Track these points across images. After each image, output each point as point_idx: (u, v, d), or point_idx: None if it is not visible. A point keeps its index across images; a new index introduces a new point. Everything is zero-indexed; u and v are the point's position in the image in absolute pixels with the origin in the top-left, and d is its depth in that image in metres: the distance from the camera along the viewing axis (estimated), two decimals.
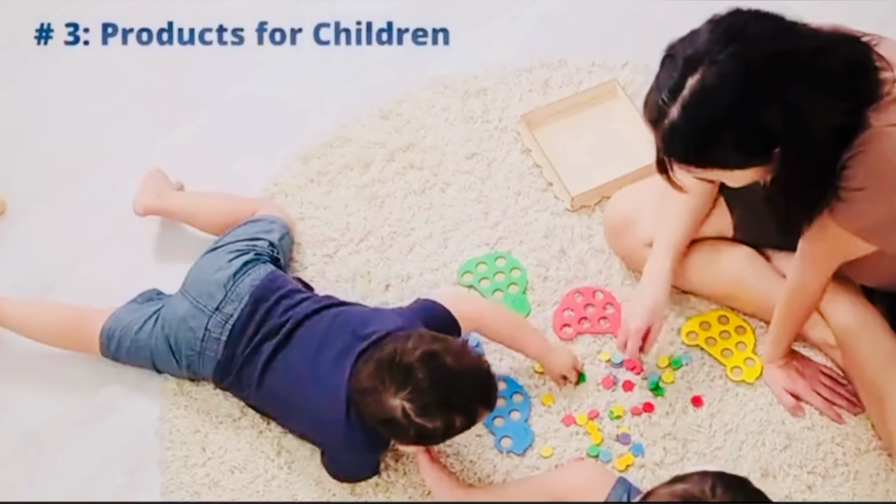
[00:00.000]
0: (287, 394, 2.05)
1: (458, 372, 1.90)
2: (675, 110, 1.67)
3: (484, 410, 1.94)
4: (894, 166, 1.69)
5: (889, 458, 2.11)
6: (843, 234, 1.81)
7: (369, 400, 1.91)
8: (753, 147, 1.68)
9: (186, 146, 2.58)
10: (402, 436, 1.92)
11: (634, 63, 2.67)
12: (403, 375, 1.88)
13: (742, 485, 1.60)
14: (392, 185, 2.49)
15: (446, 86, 2.66)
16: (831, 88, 1.64)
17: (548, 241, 2.41)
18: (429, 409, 1.86)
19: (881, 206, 1.74)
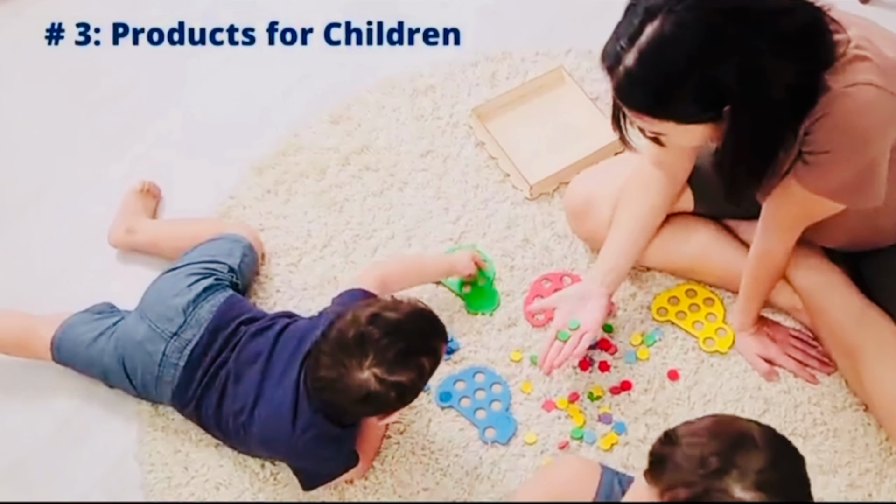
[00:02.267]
0: (241, 419, 2.03)
1: (405, 319, 1.90)
2: (632, 56, 1.68)
3: (442, 343, 1.95)
4: (858, 124, 1.72)
5: (866, 413, 2.14)
6: (809, 196, 1.84)
7: (338, 388, 1.88)
8: (706, 100, 1.69)
9: (137, 168, 2.55)
10: (384, 404, 1.89)
11: (578, 49, 2.70)
12: (359, 346, 1.86)
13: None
14: (350, 189, 2.49)
15: (393, 86, 2.66)
16: (788, 48, 1.66)
17: (511, 231, 2.42)
18: (396, 363, 1.85)
19: (849, 164, 1.77)
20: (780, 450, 1.51)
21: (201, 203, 2.48)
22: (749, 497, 1.44)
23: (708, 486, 1.46)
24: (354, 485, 2.10)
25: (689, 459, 1.49)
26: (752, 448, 1.48)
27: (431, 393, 2.19)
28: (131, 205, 2.44)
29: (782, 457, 1.50)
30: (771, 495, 1.45)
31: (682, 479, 1.48)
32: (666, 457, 1.52)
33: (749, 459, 1.46)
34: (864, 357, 2.07)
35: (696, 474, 1.47)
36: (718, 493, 1.46)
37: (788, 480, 1.48)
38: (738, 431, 1.52)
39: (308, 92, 2.68)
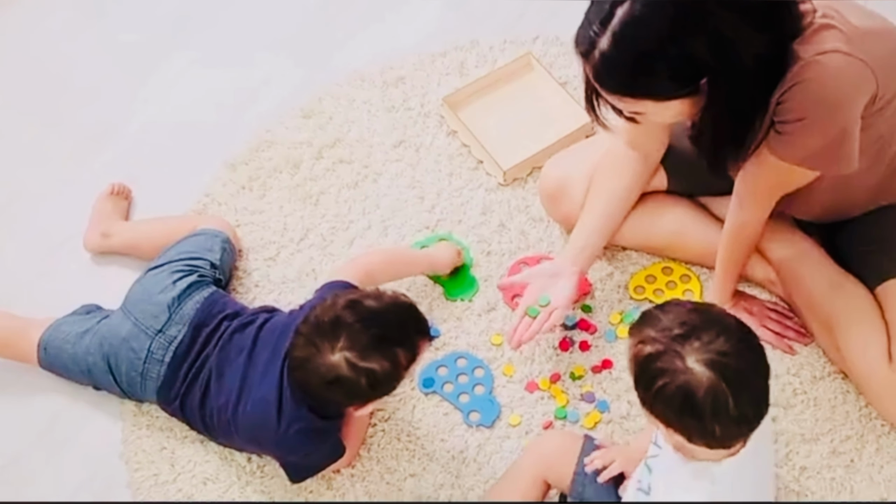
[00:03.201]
0: (225, 415, 2.03)
1: (384, 308, 1.90)
2: (606, 40, 1.70)
3: (422, 340, 1.93)
4: (829, 90, 1.74)
5: (844, 381, 2.16)
6: (783, 166, 1.86)
7: (309, 368, 1.87)
8: (682, 76, 1.71)
9: (110, 171, 2.54)
10: (355, 392, 1.88)
11: (545, 36, 2.72)
12: (333, 329, 1.85)
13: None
14: (324, 182, 2.50)
15: (363, 79, 2.67)
16: (756, 19, 1.68)
17: (486, 218, 2.43)
18: (369, 350, 1.84)
19: (822, 131, 1.79)
20: (748, 346, 1.56)
21: (176, 202, 2.48)
22: (698, 369, 1.51)
23: (668, 346, 1.53)
24: (342, 474, 2.11)
25: (665, 321, 1.56)
26: (723, 332, 1.53)
27: (414, 379, 2.20)
28: (104, 208, 2.45)
29: (747, 353, 1.55)
30: (719, 379, 1.50)
31: (650, 335, 1.56)
32: (651, 314, 1.60)
33: (715, 339, 1.52)
34: (840, 326, 2.10)
35: (663, 334, 1.54)
36: (674, 355, 1.52)
37: (742, 375, 1.52)
38: (720, 315, 1.58)
39: (278, 88, 2.69)
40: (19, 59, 2.80)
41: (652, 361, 1.55)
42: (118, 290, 2.23)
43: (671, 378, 1.52)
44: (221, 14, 2.86)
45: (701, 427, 1.54)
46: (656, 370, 1.54)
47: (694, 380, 1.51)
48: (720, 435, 1.55)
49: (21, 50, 2.81)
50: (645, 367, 1.56)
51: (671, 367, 1.53)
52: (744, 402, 1.52)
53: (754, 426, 1.57)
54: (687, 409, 1.53)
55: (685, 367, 1.52)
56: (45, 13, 2.87)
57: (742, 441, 1.60)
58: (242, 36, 2.82)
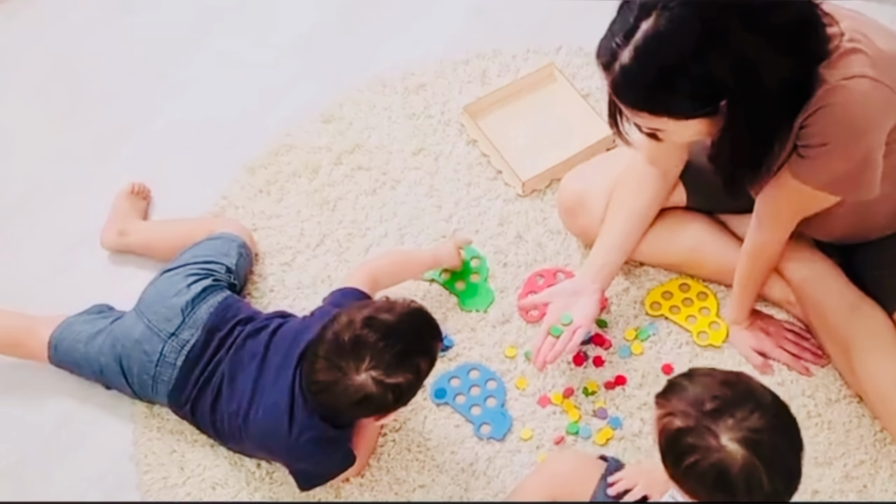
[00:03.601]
0: (237, 421, 2.03)
1: (400, 321, 1.90)
2: (627, 53, 1.69)
3: (437, 342, 1.95)
4: (855, 115, 1.73)
5: (859, 405, 2.15)
6: (805, 190, 1.85)
7: (337, 391, 1.87)
8: (702, 95, 1.69)
9: (129, 169, 2.54)
10: (382, 407, 1.89)
11: (569, 46, 2.70)
12: (356, 349, 1.86)
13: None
14: (342, 188, 2.49)
15: (385, 85, 2.66)
16: (782, 41, 1.67)
17: (503, 228, 2.42)
18: (393, 366, 1.85)
19: (845, 157, 1.78)
20: (783, 423, 1.55)
21: (194, 204, 2.48)
22: (732, 447, 1.49)
23: (700, 422, 1.51)
24: (351, 483, 2.11)
25: (696, 394, 1.54)
26: (758, 408, 1.52)
27: (426, 390, 2.19)
28: (122, 207, 2.45)
29: (782, 429, 1.54)
30: (753, 457, 1.48)
31: (681, 408, 1.54)
32: (678, 385, 1.57)
33: (749, 416, 1.50)
34: (857, 349, 2.08)
35: (695, 408, 1.52)
36: (707, 432, 1.50)
37: (777, 453, 1.51)
38: (752, 389, 1.57)
39: (299, 92, 2.69)
40: (42, 56, 2.80)
41: (682, 436, 1.53)
42: (133, 290, 2.23)
43: (703, 455, 1.51)
44: (245, 16, 2.85)
45: (732, 503, 1.53)
46: (687, 446, 1.53)
47: (728, 458, 1.50)
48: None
49: (44, 46, 2.82)
50: (675, 441, 1.55)
51: (704, 444, 1.51)
52: (778, 479, 1.52)
53: (787, 499, 1.56)
54: (720, 487, 1.52)
55: (719, 445, 1.50)
56: (68, 9, 2.87)
57: None
58: (265, 38, 2.82)
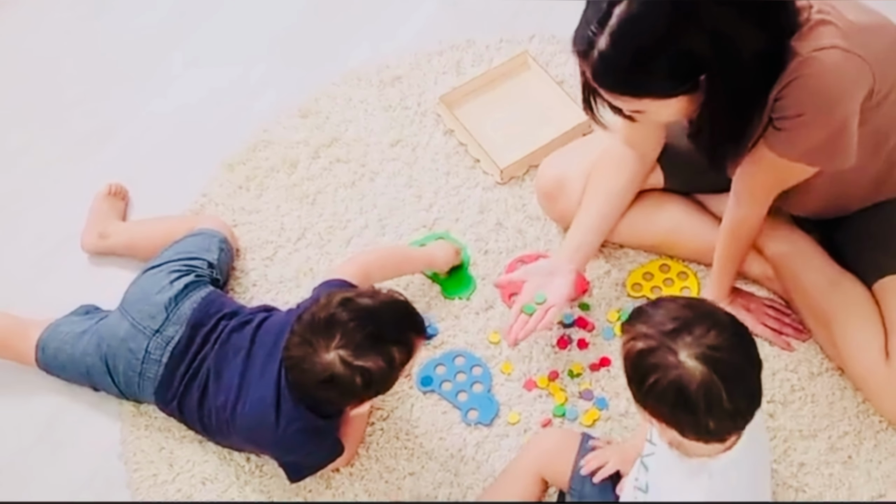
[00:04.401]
0: (224, 415, 2.03)
1: (378, 306, 1.90)
2: (604, 40, 1.70)
3: (417, 338, 1.93)
4: (828, 85, 1.74)
5: (841, 378, 2.17)
6: (782, 162, 1.86)
7: (305, 367, 1.87)
8: (681, 72, 1.71)
9: (108, 171, 2.54)
10: (349, 390, 1.88)
11: (541, 35, 2.72)
12: (327, 327, 1.85)
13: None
14: (321, 181, 2.50)
15: (360, 78, 2.67)
16: (753, 14, 1.69)
17: (483, 216, 2.43)
18: (363, 347, 1.84)
19: (820, 127, 1.79)
20: (741, 341, 1.56)
21: (174, 203, 2.48)
22: (690, 364, 1.51)
23: (660, 342, 1.53)
24: (340, 473, 2.11)
25: (657, 316, 1.56)
26: (715, 326, 1.54)
27: (412, 378, 2.20)
28: (100, 209, 2.45)
29: (740, 347, 1.55)
30: (712, 373, 1.50)
31: (642, 331, 1.56)
32: (643, 311, 1.60)
33: (707, 333, 1.52)
34: (838, 322, 2.10)
35: (655, 329, 1.55)
36: (666, 351, 1.53)
37: (735, 370, 1.53)
38: (712, 310, 1.58)
39: (275, 87, 2.70)
40: (17, 60, 2.80)
41: (644, 357, 1.55)
42: (116, 291, 2.23)
43: (663, 373, 1.53)
44: (217, 15, 2.86)
45: (695, 422, 1.54)
46: (648, 366, 1.55)
47: (686, 374, 1.51)
48: (714, 429, 1.55)
49: (18, 50, 2.82)
50: (637, 363, 1.57)
51: (663, 362, 1.53)
52: (737, 396, 1.52)
53: (748, 419, 1.57)
54: (680, 404, 1.53)
55: (677, 361, 1.52)
56: (43, 13, 2.87)
57: (736, 434, 1.60)
58: (239, 36, 2.83)
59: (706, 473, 1.63)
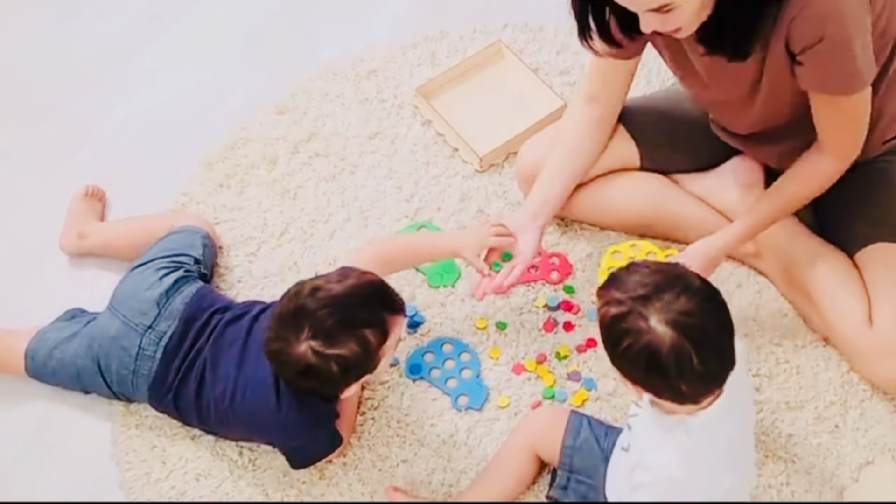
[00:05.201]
0: (223, 404, 2.03)
1: (346, 291, 1.88)
2: None
3: (391, 316, 1.91)
4: (836, 4, 1.76)
5: (825, 349, 2.19)
6: (844, 101, 1.89)
7: (282, 360, 1.88)
8: None
9: (85, 174, 2.53)
10: (329, 379, 1.87)
11: (514, 24, 2.74)
12: (296, 319, 1.85)
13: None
14: (302, 176, 2.51)
15: (335, 73, 2.68)
16: None
17: (464, 204, 2.45)
18: (333, 335, 1.84)
19: (847, 39, 1.79)
20: (712, 306, 1.59)
21: (155, 203, 2.48)
22: (661, 329, 1.54)
23: (632, 307, 1.57)
24: (333, 463, 2.11)
25: (629, 282, 1.60)
26: (686, 291, 1.57)
27: (401, 367, 2.21)
28: (78, 210, 2.44)
29: (711, 312, 1.58)
30: (682, 337, 1.53)
31: (615, 297, 1.59)
32: (616, 276, 1.63)
33: (677, 299, 1.55)
34: (820, 293, 2.13)
35: (627, 295, 1.58)
36: (638, 316, 1.56)
37: (705, 334, 1.55)
38: (682, 274, 1.61)
39: (251, 86, 2.71)
40: None
41: (617, 323, 1.59)
42: (98, 293, 2.24)
43: (635, 338, 1.56)
44: (189, 15, 2.87)
45: (667, 385, 1.58)
46: (621, 331, 1.58)
47: (657, 339, 1.54)
48: (687, 392, 1.59)
49: None
50: (611, 328, 1.60)
51: (635, 327, 1.56)
52: (708, 359, 1.56)
53: (721, 382, 1.61)
54: (652, 368, 1.57)
55: (648, 327, 1.55)
56: (13, 17, 2.87)
57: (712, 396, 1.63)
58: (211, 36, 2.84)
59: (683, 430, 1.65)
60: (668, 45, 2.02)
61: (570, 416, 2.00)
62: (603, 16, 1.88)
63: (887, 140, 2.17)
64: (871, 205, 2.16)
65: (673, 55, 2.07)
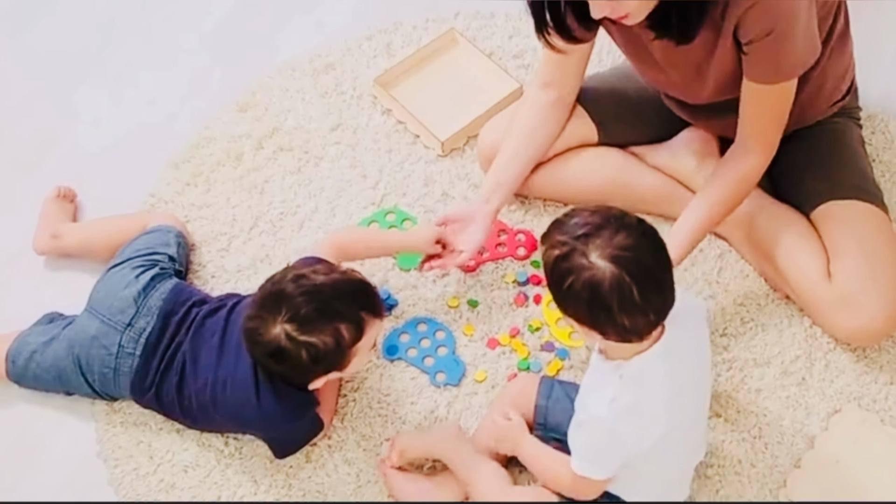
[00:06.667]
0: (205, 397, 2.06)
1: (329, 282, 1.93)
2: None
3: (370, 317, 1.95)
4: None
5: (787, 306, 2.27)
6: (776, 89, 1.98)
7: (256, 340, 1.92)
8: None
9: (53, 181, 2.54)
10: (298, 365, 1.91)
11: (465, 12, 2.80)
12: (277, 301, 1.90)
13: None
14: (268, 171, 2.55)
15: (294, 69, 2.72)
16: None
17: (429, 189, 2.50)
18: (308, 322, 1.88)
19: (795, 31, 1.88)
20: (648, 242, 1.65)
21: (124, 206, 2.49)
22: (601, 264, 1.60)
23: (573, 246, 1.63)
24: (319, 446, 2.15)
25: (570, 224, 1.66)
26: (623, 228, 1.63)
27: (378, 349, 2.26)
28: (51, 211, 2.46)
29: (647, 247, 1.64)
30: (621, 271, 1.60)
31: (558, 238, 1.66)
32: (558, 221, 1.70)
33: (615, 235, 1.62)
34: (780, 252, 2.20)
35: (568, 236, 1.64)
36: (579, 254, 1.62)
37: (643, 267, 1.62)
38: (620, 214, 1.67)
39: (211, 85, 2.74)
40: None
41: (559, 262, 1.64)
42: (75, 293, 2.27)
43: (577, 275, 1.62)
44: (146, 18, 2.90)
45: (611, 319, 1.64)
46: (563, 270, 1.64)
47: (598, 274, 1.60)
48: (630, 327, 1.65)
49: None
50: (554, 268, 1.66)
51: (576, 264, 1.62)
52: (648, 292, 1.62)
53: (662, 315, 1.68)
54: (595, 303, 1.63)
55: (589, 263, 1.61)
56: None
57: (655, 333, 1.70)
58: (170, 38, 2.86)
59: (618, 374, 1.72)
60: (621, 29, 2.09)
61: (542, 380, 2.08)
62: (559, 11, 1.94)
63: (834, 102, 2.26)
64: (824, 165, 2.24)
65: (625, 39, 2.13)
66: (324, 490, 2.11)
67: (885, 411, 2.15)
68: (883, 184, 2.36)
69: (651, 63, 2.13)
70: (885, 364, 2.20)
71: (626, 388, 1.72)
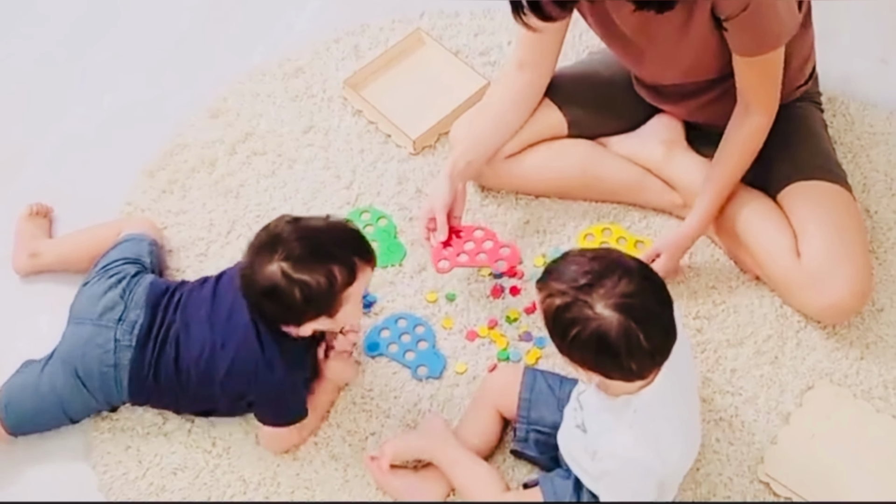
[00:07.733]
0: (203, 363, 2.08)
1: (325, 226, 1.99)
2: None
3: (362, 263, 1.99)
4: None
5: (758, 287, 2.32)
6: (762, 60, 2.04)
7: (250, 278, 1.96)
8: None
9: (28, 196, 2.55)
10: (290, 304, 1.94)
11: (430, 11, 2.84)
12: (273, 241, 1.95)
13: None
14: (242, 175, 2.58)
15: (264, 73, 2.75)
16: None
17: (403, 186, 2.53)
18: (303, 260, 1.92)
19: (775, 4, 1.94)
20: (650, 285, 1.69)
21: (99, 216, 2.49)
22: (607, 314, 1.64)
23: (576, 297, 1.65)
24: (306, 442, 2.19)
25: (569, 273, 1.68)
26: (625, 275, 1.66)
27: (360, 345, 2.29)
28: (26, 229, 2.47)
29: (650, 291, 1.68)
30: (628, 319, 1.63)
31: (557, 288, 1.68)
32: (554, 268, 1.72)
33: (619, 283, 1.65)
34: (749, 233, 2.26)
35: (569, 286, 1.67)
36: (583, 305, 1.65)
37: (649, 312, 1.66)
38: (619, 259, 1.71)
39: (182, 93, 2.76)
40: None
41: (562, 313, 1.67)
42: (54, 308, 2.29)
43: (583, 326, 1.65)
44: (112, 29, 2.92)
45: (618, 365, 1.67)
46: (568, 320, 1.67)
47: (605, 324, 1.63)
48: (637, 369, 1.68)
49: None
50: (557, 319, 1.69)
51: (581, 315, 1.65)
52: (654, 335, 1.66)
53: (666, 354, 1.71)
54: (603, 352, 1.66)
55: (595, 314, 1.64)
56: None
57: (657, 369, 1.74)
58: (138, 48, 2.88)
59: (631, 409, 1.75)
60: (593, 10, 2.13)
61: (525, 372, 2.11)
62: None
63: (798, 86, 2.31)
64: (789, 148, 2.29)
65: (597, 19, 2.18)
66: (312, 486, 2.14)
67: (856, 385, 2.20)
68: (846, 164, 2.41)
69: (624, 42, 2.18)
70: (854, 340, 2.25)
71: (645, 420, 1.75)
